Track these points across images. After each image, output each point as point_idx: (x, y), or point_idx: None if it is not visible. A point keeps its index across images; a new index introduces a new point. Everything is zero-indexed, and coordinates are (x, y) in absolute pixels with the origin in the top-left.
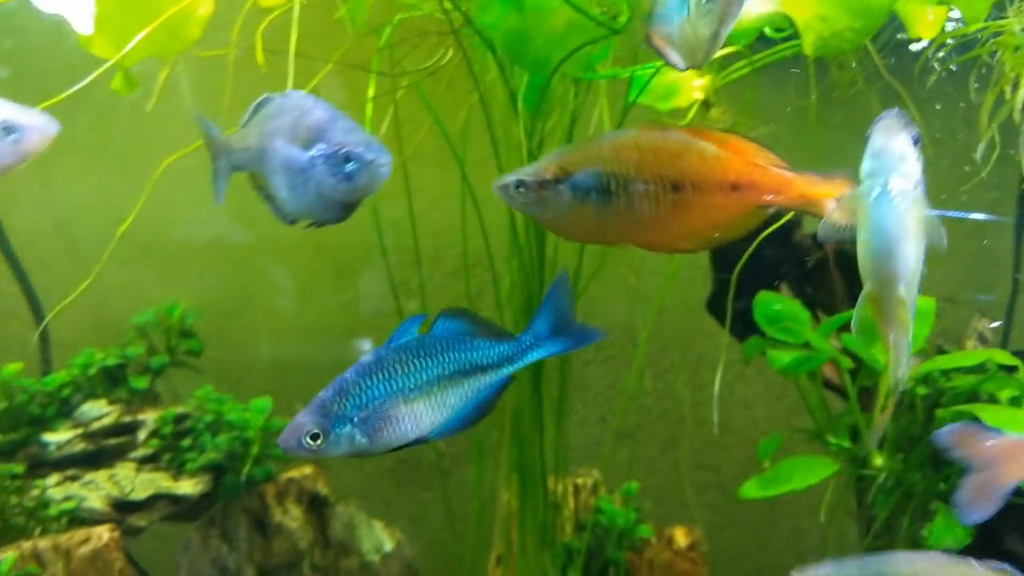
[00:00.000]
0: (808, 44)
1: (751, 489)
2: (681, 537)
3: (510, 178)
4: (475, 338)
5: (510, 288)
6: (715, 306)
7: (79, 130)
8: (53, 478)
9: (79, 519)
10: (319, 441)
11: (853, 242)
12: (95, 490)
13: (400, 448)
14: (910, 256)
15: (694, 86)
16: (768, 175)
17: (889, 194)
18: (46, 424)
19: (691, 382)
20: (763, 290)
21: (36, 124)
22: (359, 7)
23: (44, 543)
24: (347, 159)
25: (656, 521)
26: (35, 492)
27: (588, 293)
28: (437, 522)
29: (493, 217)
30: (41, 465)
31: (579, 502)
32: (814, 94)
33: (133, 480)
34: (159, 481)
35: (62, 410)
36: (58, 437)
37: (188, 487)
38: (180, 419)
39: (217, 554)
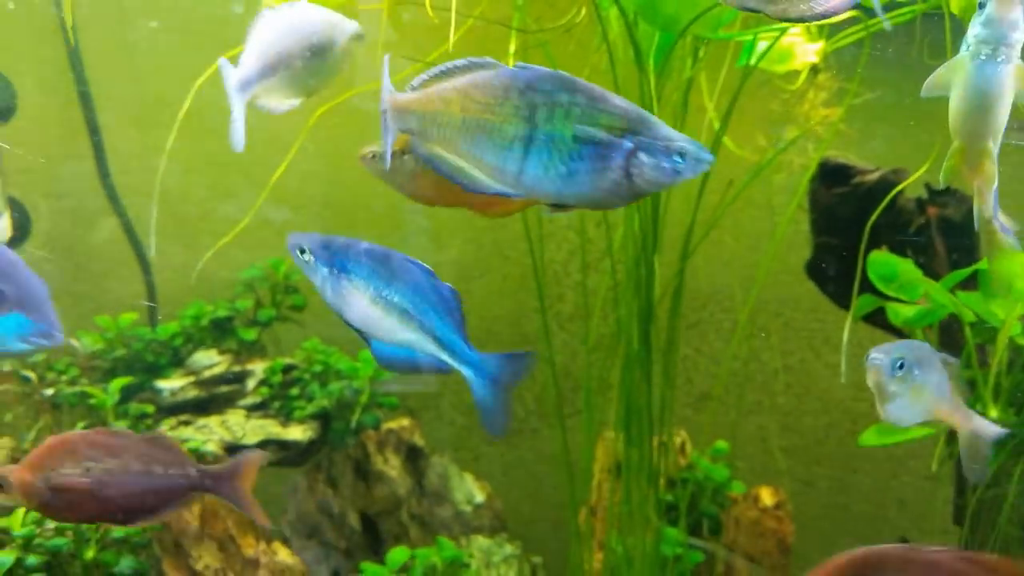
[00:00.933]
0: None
1: (870, 437)
2: (767, 496)
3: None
4: (450, 317)
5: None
6: (815, 270)
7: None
8: (167, 423)
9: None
10: (305, 257)
11: (955, 207)
12: (208, 434)
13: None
14: (1002, 115)
15: (808, 50)
16: None
17: (996, 61)
18: (159, 371)
19: (779, 347)
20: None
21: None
22: None
23: None
24: (680, 153)
25: (744, 480)
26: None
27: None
28: (524, 478)
29: None
30: (159, 410)
31: (667, 460)
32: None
33: (244, 426)
34: (269, 427)
35: (174, 359)
36: (171, 384)
37: (297, 433)
38: (288, 369)
39: (323, 499)
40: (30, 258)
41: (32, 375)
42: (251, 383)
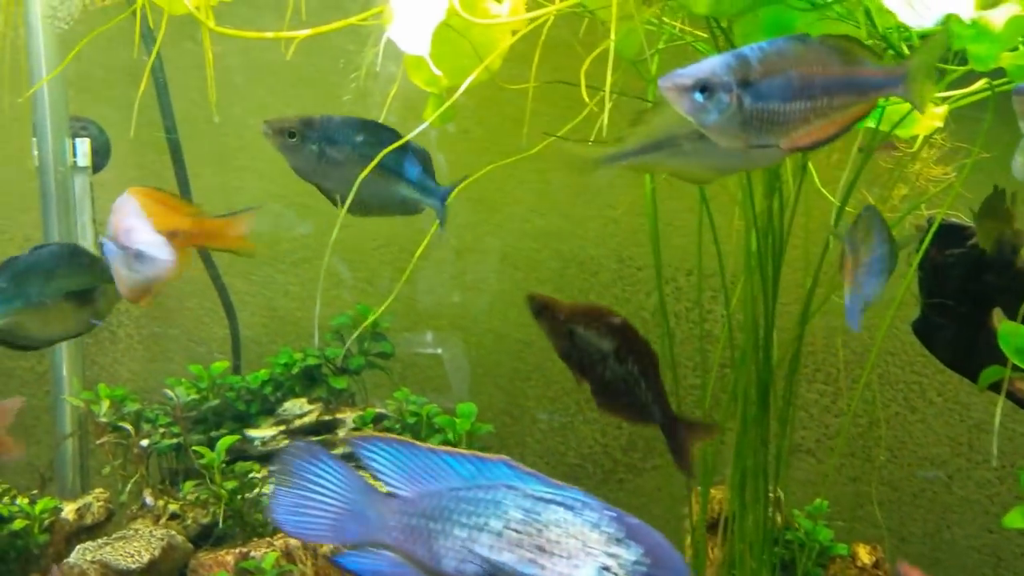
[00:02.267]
0: None
1: (1015, 519)
2: (865, 554)
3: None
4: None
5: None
6: (924, 330)
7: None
8: (259, 471)
9: None
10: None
11: None
12: None
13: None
14: None
15: (935, 113)
16: None
17: None
18: (249, 420)
19: (875, 400)
20: (983, 317)
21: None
22: (630, 41)
23: (294, 540)
24: None
25: (836, 536)
26: (267, 489)
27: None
28: None
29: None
30: (245, 459)
31: (777, 522)
32: None
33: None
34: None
35: (264, 407)
36: (262, 433)
37: None
38: (378, 419)
39: None
40: (117, 307)
41: (129, 426)
42: (342, 433)
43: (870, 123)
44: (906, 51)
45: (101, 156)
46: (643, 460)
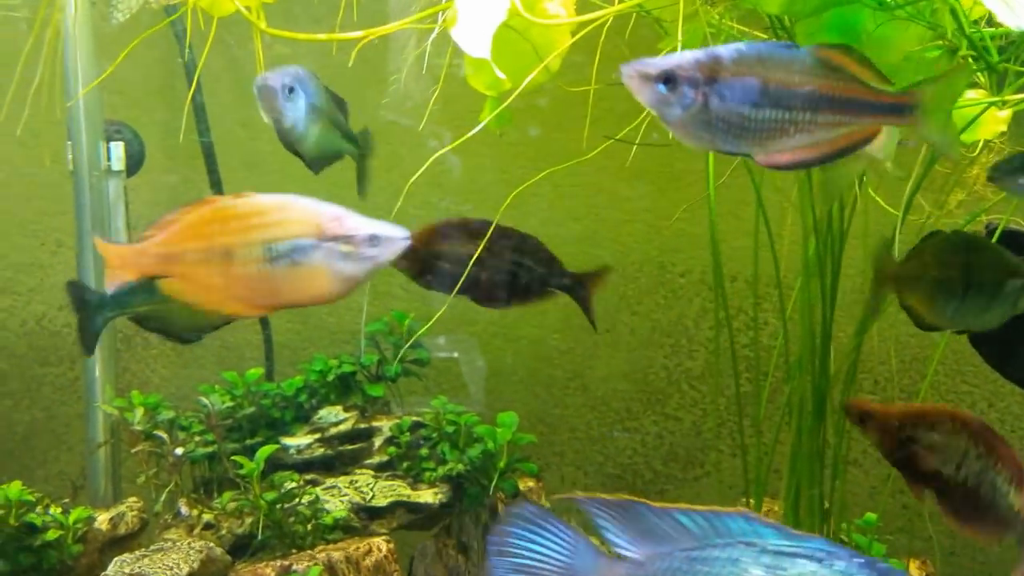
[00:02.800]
0: None
1: None
2: (915, 569)
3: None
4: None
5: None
6: (982, 340)
7: None
8: (295, 480)
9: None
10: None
11: None
12: (338, 495)
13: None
14: None
15: (999, 117)
16: None
17: None
18: (284, 428)
19: None
20: None
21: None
22: (690, 43)
23: (336, 554)
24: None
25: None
26: (306, 499)
27: None
28: None
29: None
30: (280, 468)
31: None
32: None
33: (373, 487)
34: (398, 489)
35: (299, 414)
36: (297, 441)
37: (428, 496)
38: (415, 427)
39: (453, 564)
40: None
41: (164, 435)
42: (377, 441)
43: None
44: (995, 56)
45: (135, 160)
46: (684, 471)
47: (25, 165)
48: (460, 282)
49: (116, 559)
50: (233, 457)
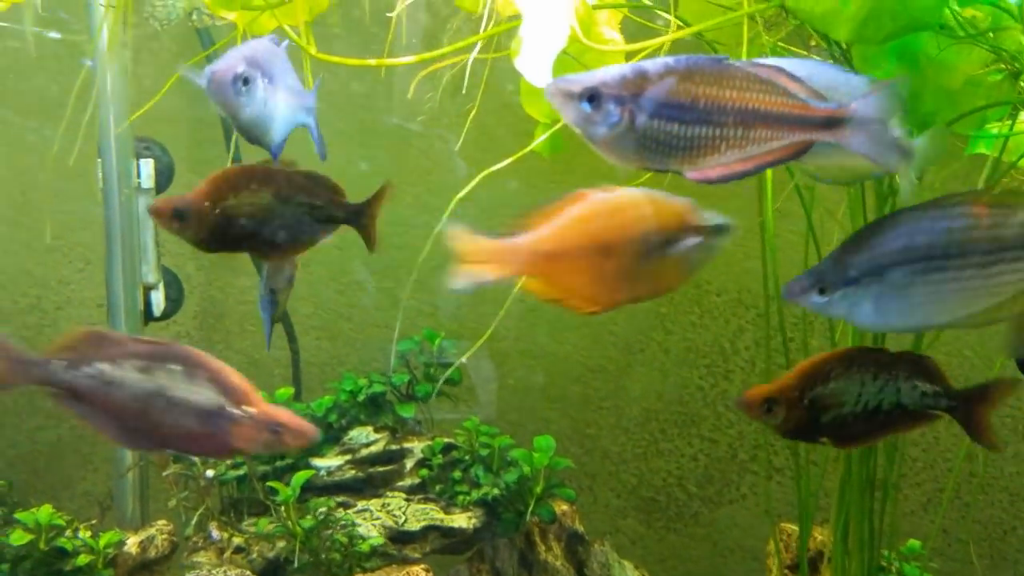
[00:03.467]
0: None
1: None
2: None
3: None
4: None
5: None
6: None
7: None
8: (328, 504)
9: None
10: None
11: None
12: (370, 519)
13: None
14: None
15: None
16: None
17: None
18: (314, 449)
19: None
20: None
21: None
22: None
23: None
24: None
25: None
26: (341, 525)
27: None
28: (684, 564)
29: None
30: (309, 490)
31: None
32: None
33: (405, 511)
34: (431, 513)
35: (328, 435)
36: (327, 462)
37: (462, 521)
38: (448, 449)
39: None
40: (180, 331)
41: (196, 457)
42: (409, 463)
43: (984, 150)
44: None
45: (164, 177)
46: (719, 494)
47: (52, 182)
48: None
49: None
50: (268, 483)
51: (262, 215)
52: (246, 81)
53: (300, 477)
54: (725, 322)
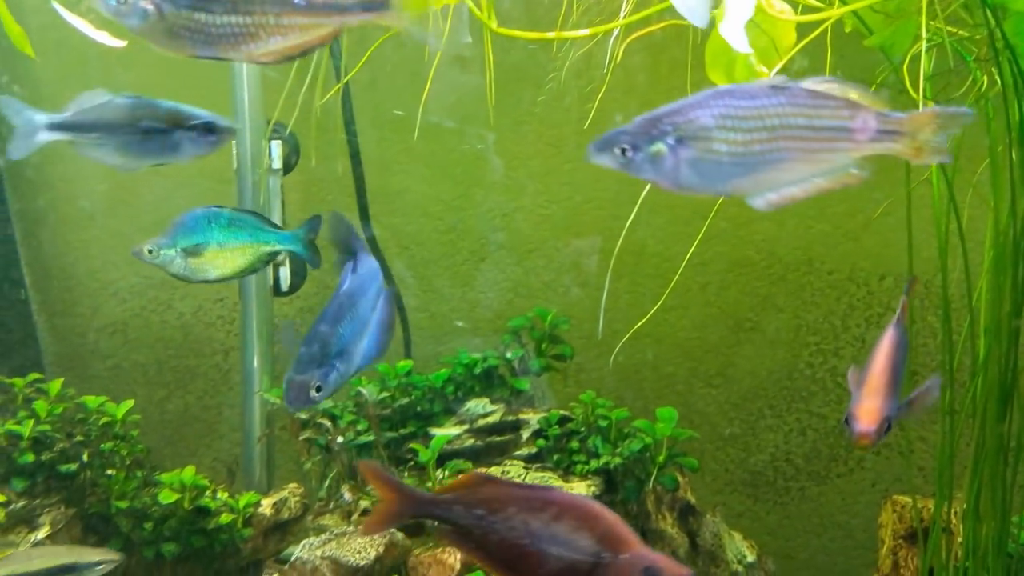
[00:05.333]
0: None
1: None
2: None
3: None
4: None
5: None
6: None
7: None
8: (458, 468)
9: None
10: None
11: None
12: None
13: None
14: None
15: None
16: None
17: None
18: (432, 419)
19: None
20: None
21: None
22: (901, 37)
23: None
24: None
25: None
26: None
27: None
28: (790, 537)
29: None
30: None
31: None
32: None
33: (524, 477)
34: (550, 480)
35: (445, 407)
36: (446, 431)
37: (582, 488)
38: (563, 421)
39: None
40: (303, 305)
41: (328, 423)
42: (525, 434)
43: None
44: None
45: (291, 159)
46: (826, 468)
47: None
48: None
49: (303, 542)
50: (410, 445)
51: None
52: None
53: (439, 440)
54: (836, 300)
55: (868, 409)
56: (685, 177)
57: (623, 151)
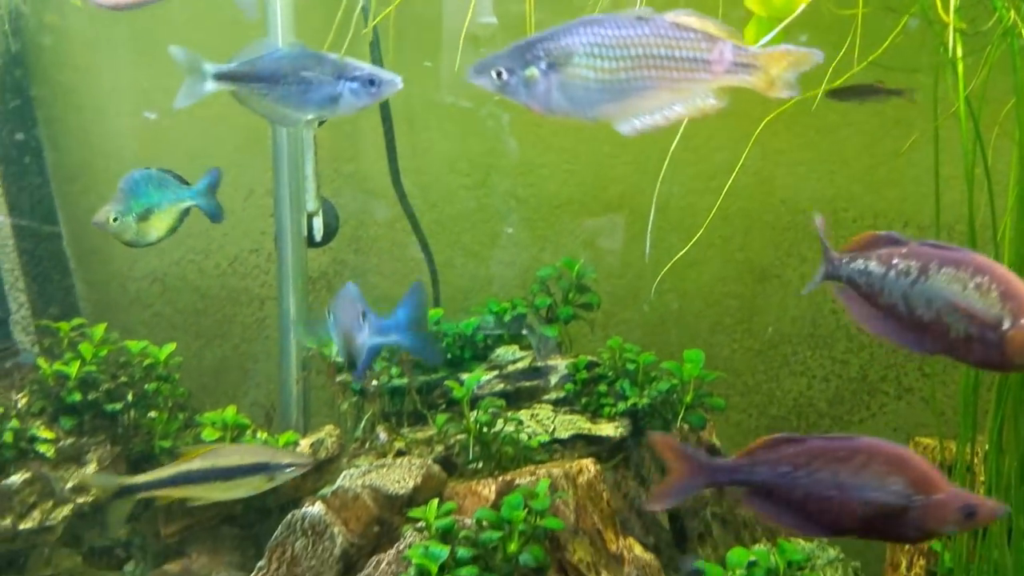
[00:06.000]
0: None
1: None
2: None
3: None
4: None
5: None
6: None
7: None
8: (491, 406)
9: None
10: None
11: None
12: (519, 427)
13: None
14: None
15: None
16: None
17: None
18: (462, 365)
19: None
20: None
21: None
22: None
23: (556, 470)
24: None
25: None
26: (510, 426)
27: None
28: None
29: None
30: (455, 403)
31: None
32: None
33: (553, 420)
34: (578, 422)
35: (475, 353)
36: (476, 377)
37: (609, 430)
38: (591, 366)
39: (633, 495)
40: (336, 256)
41: None
42: (554, 379)
43: None
44: None
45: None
46: (849, 413)
47: (217, 115)
48: None
49: (344, 473)
50: (447, 382)
51: None
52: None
53: (474, 378)
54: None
55: None
56: (556, 101)
57: (499, 74)
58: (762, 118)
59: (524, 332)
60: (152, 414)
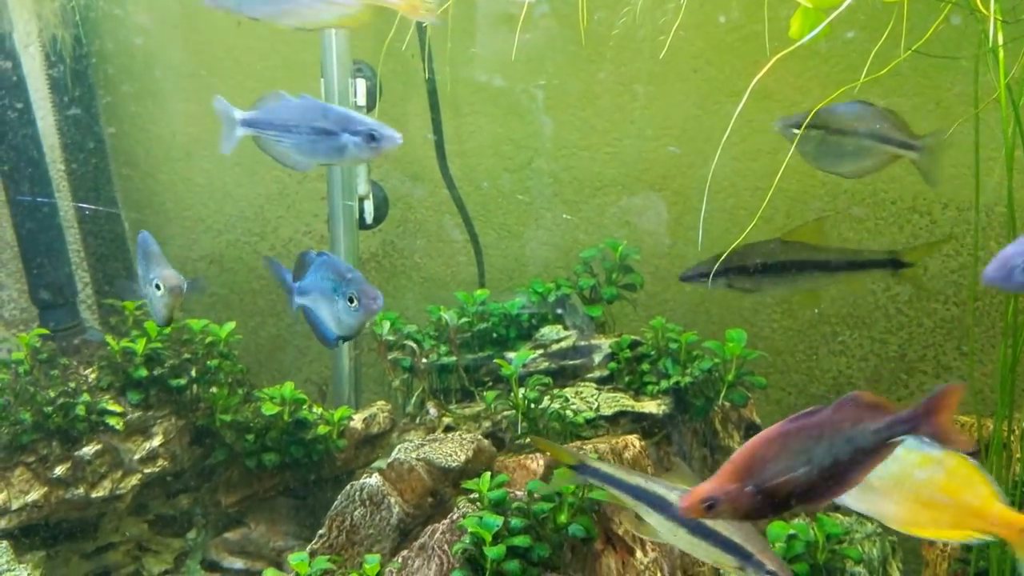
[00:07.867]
0: None
1: None
2: None
3: None
4: None
5: None
6: None
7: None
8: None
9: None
10: None
11: None
12: (564, 404)
13: None
14: None
15: None
16: None
17: None
18: (507, 344)
19: None
20: None
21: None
22: None
23: (602, 445)
24: None
25: None
26: (555, 404)
27: None
28: None
29: None
30: (502, 381)
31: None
32: None
33: (597, 397)
34: (621, 400)
35: (519, 332)
36: (522, 356)
37: (652, 407)
38: (634, 345)
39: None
40: (385, 238)
41: (415, 344)
42: (597, 357)
43: None
44: None
45: (373, 96)
46: (887, 392)
47: None
48: None
49: (399, 446)
50: (496, 360)
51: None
52: None
53: (522, 355)
54: (899, 228)
55: None
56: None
57: None
58: (802, 102)
59: (559, 312)
60: (213, 389)
